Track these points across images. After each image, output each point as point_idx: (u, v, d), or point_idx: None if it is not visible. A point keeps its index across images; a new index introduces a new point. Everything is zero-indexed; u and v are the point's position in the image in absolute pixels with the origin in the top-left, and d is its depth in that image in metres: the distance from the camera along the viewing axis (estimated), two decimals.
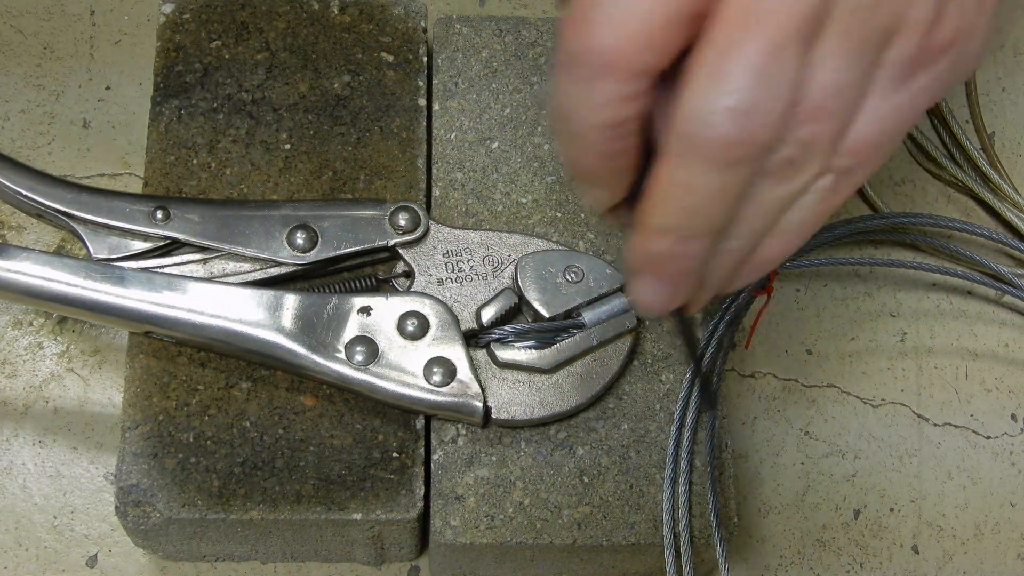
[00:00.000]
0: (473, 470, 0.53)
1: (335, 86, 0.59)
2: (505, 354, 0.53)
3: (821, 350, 0.63)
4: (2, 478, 0.58)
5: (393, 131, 0.59)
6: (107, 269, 0.52)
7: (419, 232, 0.55)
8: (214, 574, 0.57)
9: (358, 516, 0.51)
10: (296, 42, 0.60)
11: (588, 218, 0.57)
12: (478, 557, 0.54)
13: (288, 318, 0.52)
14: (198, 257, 0.54)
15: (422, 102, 0.59)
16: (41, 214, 0.54)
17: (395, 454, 0.53)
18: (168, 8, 0.60)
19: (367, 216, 0.55)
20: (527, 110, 0.60)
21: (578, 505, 0.52)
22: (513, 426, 0.53)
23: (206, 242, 0.54)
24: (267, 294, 0.52)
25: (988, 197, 0.66)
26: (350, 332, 0.52)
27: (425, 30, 0.61)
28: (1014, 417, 0.63)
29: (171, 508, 0.51)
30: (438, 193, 0.58)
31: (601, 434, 0.54)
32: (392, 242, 0.55)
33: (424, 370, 0.52)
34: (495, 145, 0.59)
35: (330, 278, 0.55)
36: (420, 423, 0.54)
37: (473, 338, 0.54)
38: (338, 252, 0.55)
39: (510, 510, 0.52)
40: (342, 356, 0.52)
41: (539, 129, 0.59)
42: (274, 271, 0.54)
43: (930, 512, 0.61)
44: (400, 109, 0.59)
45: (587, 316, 0.54)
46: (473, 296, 0.54)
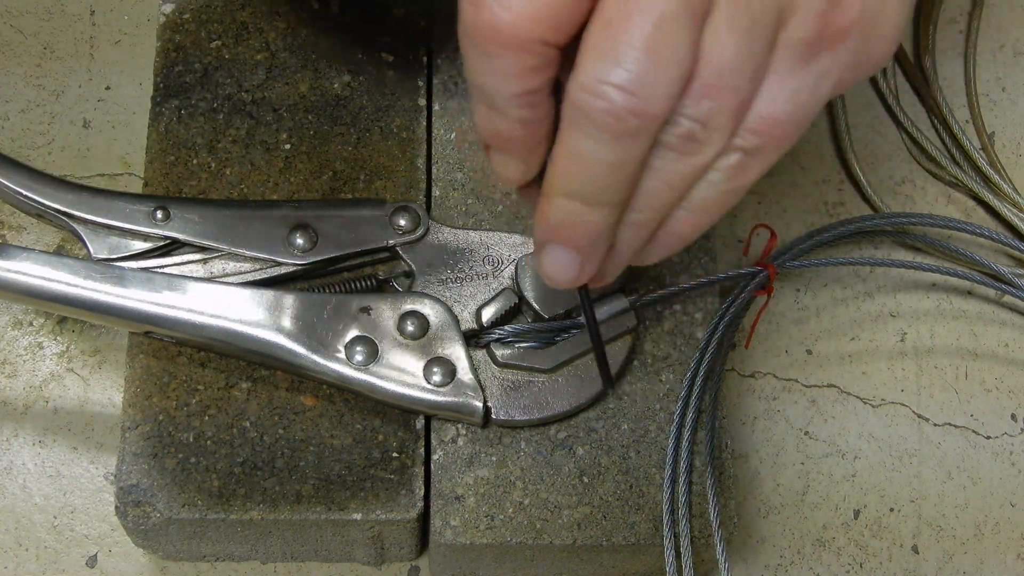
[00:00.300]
0: (473, 470, 0.53)
1: (335, 86, 0.59)
2: (505, 354, 0.53)
3: (821, 350, 0.63)
4: (2, 478, 0.58)
5: (393, 131, 0.59)
6: (107, 269, 0.52)
7: (419, 232, 0.55)
8: (214, 574, 0.57)
9: (358, 516, 0.51)
10: (296, 42, 0.60)
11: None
12: (478, 557, 0.54)
13: (288, 318, 0.52)
14: (198, 257, 0.54)
15: (422, 102, 0.59)
16: (41, 214, 0.54)
17: (395, 454, 0.53)
18: (168, 8, 0.60)
19: (367, 216, 0.55)
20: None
21: (578, 505, 0.52)
22: (513, 426, 0.53)
23: (206, 242, 0.54)
24: (267, 294, 0.52)
25: (988, 197, 0.66)
26: (350, 332, 0.52)
27: (425, 30, 0.61)
28: (1014, 417, 0.63)
29: (171, 508, 0.51)
30: (438, 193, 0.58)
31: (601, 434, 0.54)
32: (392, 242, 0.55)
33: (424, 370, 0.52)
34: None
35: (330, 278, 0.55)
36: (420, 423, 0.54)
37: (473, 338, 0.54)
38: (338, 252, 0.54)
39: (510, 510, 0.52)
40: (342, 356, 0.52)
41: None
42: (274, 271, 0.54)
43: (930, 512, 0.61)
44: (400, 109, 0.59)
45: None
46: (473, 296, 0.54)
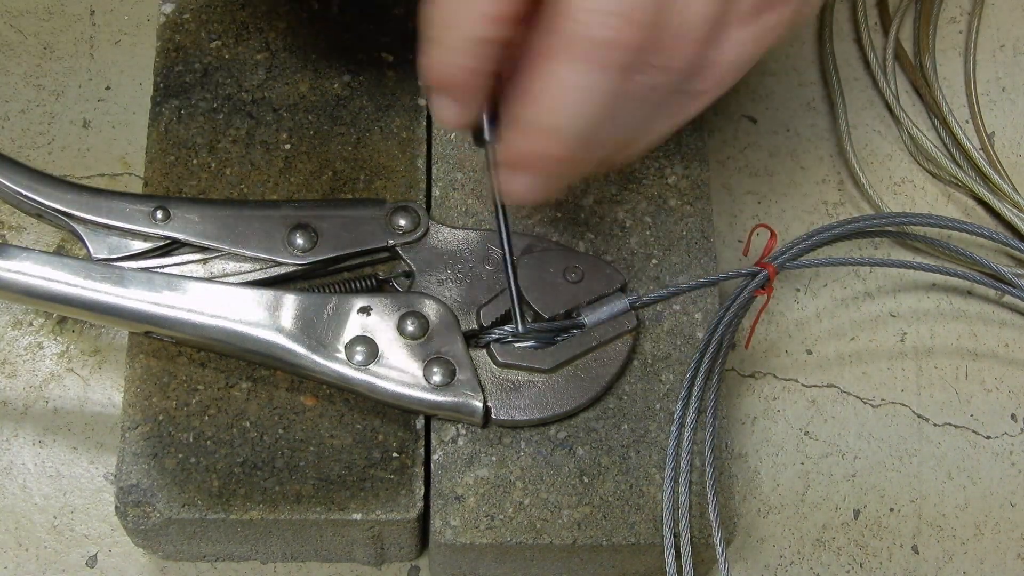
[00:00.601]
0: (473, 470, 0.53)
1: (335, 86, 0.59)
2: (505, 354, 0.53)
3: (821, 350, 0.63)
4: (2, 478, 0.58)
5: (393, 131, 0.59)
6: (107, 269, 0.52)
7: (419, 232, 0.55)
8: (214, 574, 0.57)
9: (358, 516, 0.51)
10: (296, 42, 0.60)
11: (588, 218, 0.57)
12: (478, 557, 0.54)
13: (288, 318, 0.52)
14: (198, 257, 0.54)
15: (422, 102, 0.59)
16: (41, 214, 0.54)
17: (395, 454, 0.53)
18: (168, 8, 0.60)
19: (367, 216, 0.55)
20: None
21: (578, 505, 0.52)
22: (513, 426, 0.53)
23: (206, 242, 0.54)
24: (267, 294, 0.52)
25: (988, 197, 0.66)
26: (350, 332, 0.52)
27: None
28: (1014, 417, 0.63)
29: (171, 508, 0.51)
30: (438, 193, 0.58)
31: (601, 434, 0.54)
32: (392, 242, 0.55)
33: (424, 370, 0.52)
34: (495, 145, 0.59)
35: (330, 278, 0.55)
36: (420, 423, 0.53)
37: (473, 338, 0.54)
38: (338, 252, 0.54)
39: (510, 510, 0.52)
40: (342, 356, 0.52)
41: None
42: (274, 271, 0.54)
43: (930, 512, 0.61)
44: (400, 109, 0.59)
45: (587, 316, 0.54)
46: (473, 296, 0.54)
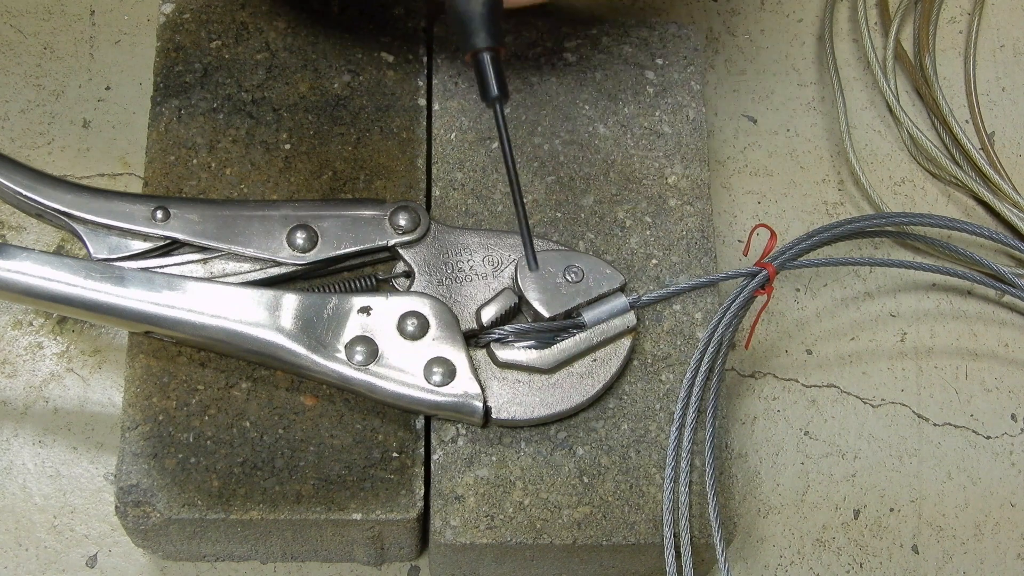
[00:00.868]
0: (473, 470, 0.53)
1: (335, 86, 0.59)
2: (505, 354, 0.53)
3: (821, 350, 0.63)
4: (2, 478, 0.58)
5: (393, 131, 0.59)
6: (107, 269, 0.52)
7: (419, 232, 0.55)
8: (214, 574, 0.57)
9: (358, 516, 0.51)
10: (296, 42, 0.60)
11: (588, 218, 0.57)
12: (478, 557, 0.54)
13: (288, 318, 0.52)
14: (198, 257, 0.54)
15: (422, 102, 0.59)
16: (41, 214, 0.54)
17: (395, 454, 0.53)
18: (168, 8, 0.60)
19: (367, 216, 0.55)
20: (527, 110, 0.60)
21: (578, 505, 0.52)
22: (513, 426, 0.53)
23: (206, 242, 0.54)
24: (267, 294, 0.52)
25: (988, 197, 0.66)
26: (350, 332, 0.52)
27: (425, 30, 0.61)
28: (1014, 417, 0.63)
29: (171, 508, 0.51)
30: (438, 193, 0.58)
31: (601, 434, 0.54)
32: (392, 242, 0.55)
33: (424, 370, 0.52)
34: (495, 145, 0.59)
35: (330, 278, 0.55)
36: (420, 423, 0.54)
37: (473, 338, 0.54)
38: (338, 252, 0.54)
39: (510, 510, 0.52)
40: (342, 356, 0.52)
41: (539, 129, 0.59)
42: (274, 271, 0.54)
43: (930, 512, 0.61)
44: (400, 109, 0.59)
45: (587, 316, 0.54)
46: (473, 296, 0.54)
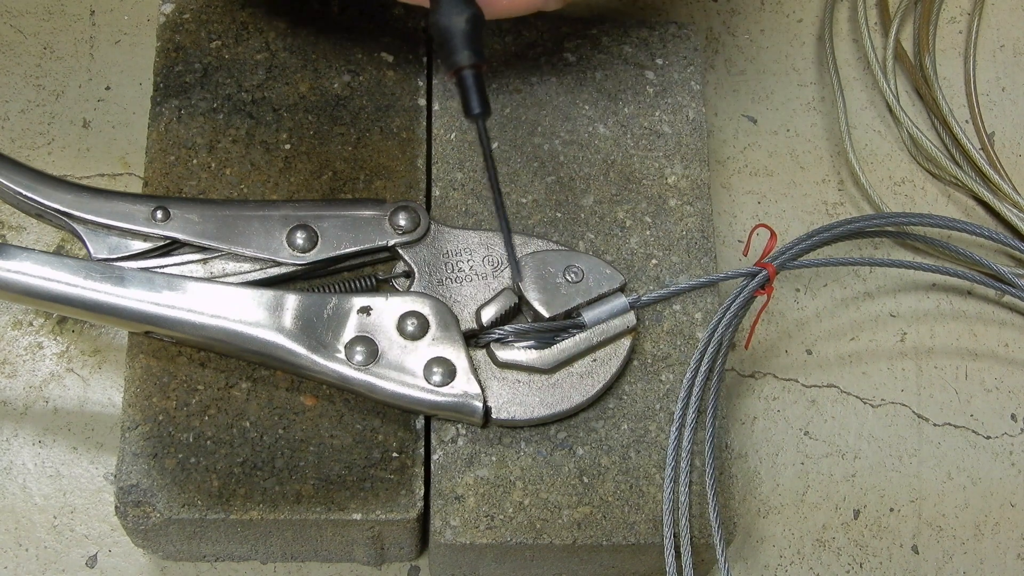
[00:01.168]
0: (473, 470, 0.53)
1: (335, 86, 0.59)
2: (505, 354, 0.53)
3: (821, 350, 0.63)
4: (2, 478, 0.58)
5: (393, 131, 0.59)
6: (107, 269, 0.52)
7: (419, 232, 0.55)
8: (214, 574, 0.57)
9: (358, 516, 0.51)
10: (296, 42, 0.60)
11: (588, 218, 0.57)
12: (478, 557, 0.54)
13: (288, 318, 0.52)
14: (198, 257, 0.54)
15: (422, 102, 0.59)
16: (41, 214, 0.54)
17: (395, 454, 0.53)
18: (168, 8, 0.60)
19: (367, 216, 0.55)
20: (527, 110, 0.60)
21: (578, 505, 0.52)
22: (513, 426, 0.53)
23: (206, 242, 0.54)
24: (267, 294, 0.52)
25: (988, 197, 0.66)
26: (350, 332, 0.52)
27: (425, 30, 0.61)
28: (1014, 417, 0.63)
29: (171, 508, 0.51)
30: (438, 193, 0.58)
31: (601, 434, 0.54)
32: (392, 242, 0.55)
33: (424, 370, 0.52)
34: (495, 145, 0.59)
35: (330, 278, 0.55)
36: (420, 423, 0.54)
37: (473, 338, 0.54)
38: (338, 252, 0.54)
39: (510, 510, 0.52)
40: (342, 356, 0.52)
41: (539, 129, 0.59)
42: (274, 271, 0.54)
43: (930, 512, 0.61)
44: (400, 109, 0.59)
45: (587, 316, 0.54)
46: (473, 296, 0.54)
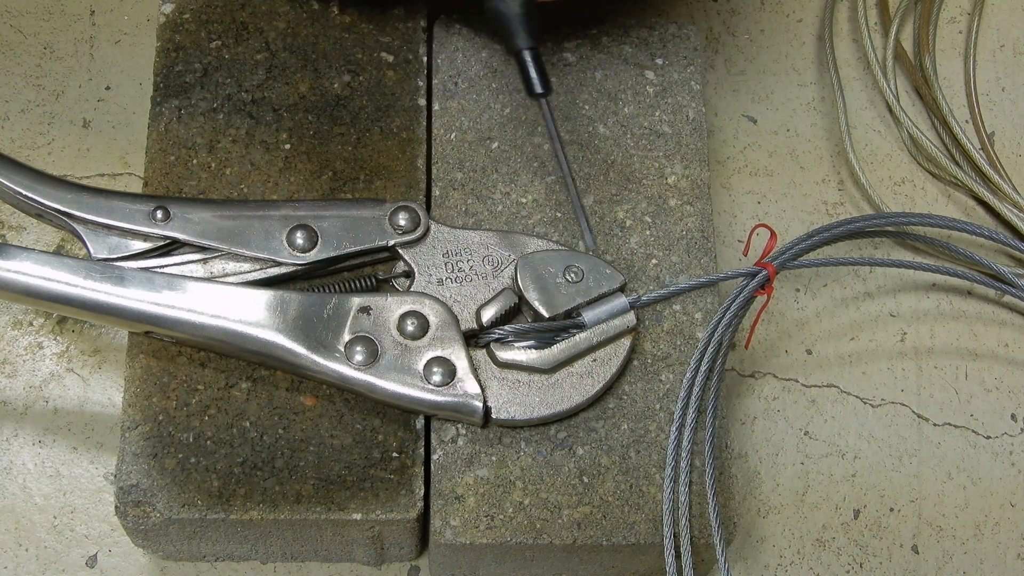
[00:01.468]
0: (473, 470, 0.53)
1: (335, 86, 0.59)
2: (505, 354, 0.53)
3: (821, 350, 0.63)
4: (2, 478, 0.58)
5: (393, 131, 0.59)
6: (107, 269, 0.52)
7: (419, 232, 0.55)
8: (214, 574, 0.57)
9: (358, 516, 0.51)
10: (296, 42, 0.60)
11: (588, 218, 0.57)
12: (478, 557, 0.54)
13: (288, 318, 0.52)
14: (198, 257, 0.54)
15: (422, 102, 0.59)
16: (41, 214, 0.54)
17: (395, 454, 0.53)
18: (168, 8, 0.60)
19: (367, 216, 0.55)
20: (527, 110, 0.60)
21: (578, 505, 0.52)
22: (513, 426, 0.53)
23: (206, 242, 0.54)
24: (267, 294, 0.52)
25: (988, 197, 0.66)
26: (350, 332, 0.52)
27: (425, 30, 0.61)
28: (1014, 417, 0.63)
29: (171, 508, 0.51)
30: (438, 193, 0.58)
31: (601, 434, 0.54)
32: (392, 242, 0.55)
33: (424, 370, 0.52)
34: (495, 145, 0.59)
35: (330, 278, 0.55)
36: (420, 423, 0.54)
37: (473, 338, 0.54)
38: (338, 252, 0.54)
39: (510, 510, 0.52)
40: (342, 356, 0.52)
41: (539, 129, 0.59)
42: (274, 271, 0.54)
43: (930, 512, 0.61)
44: (400, 109, 0.59)
45: (587, 316, 0.54)
46: (473, 296, 0.54)
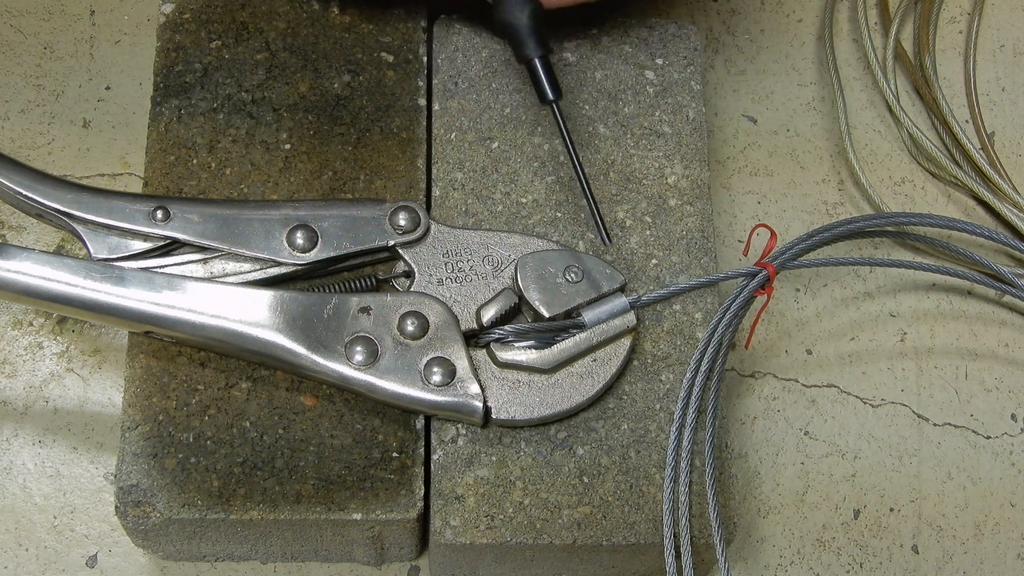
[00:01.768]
0: (473, 470, 0.53)
1: (335, 86, 0.59)
2: (505, 354, 0.53)
3: (821, 350, 0.63)
4: (2, 478, 0.58)
5: (393, 131, 0.59)
6: (107, 269, 0.52)
7: (419, 232, 0.55)
8: (214, 574, 0.57)
9: (358, 516, 0.51)
10: (296, 42, 0.60)
11: (588, 218, 0.57)
12: (478, 557, 0.54)
13: (288, 318, 0.52)
14: (198, 257, 0.54)
15: (422, 102, 0.59)
16: (41, 214, 0.54)
17: (395, 454, 0.53)
18: (168, 8, 0.60)
19: (367, 216, 0.55)
20: (527, 110, 0.60)
21: (578, 505, 0.52)
22: (513, 426, 0.53)
23: (206, 242, 0.54)
24: (267, 294, 0.52)
25: (988, 197, 0.66)
26: (350, 332, 0.52)
27: (425, 30, 0.61)
28: (1014, 417, 0.63)
29: (171, 508, 0.51)
30: (438, 193, 0.58)
31: (601, 434, 0.54)
32: (392, 242, 0.55)
33: (424, 370, 0.52)
34: (495, 145, 0.59)
35: (330, 278, 0.55)
36: (420, 423, 0.54)
37: (473, 338, 0.54)
38: (338, 252, 0.54)
39: (510, 510, 0.52)
40: (342, 356, 0.52)
41: (539, 129, 0.59)
42: (274, 271, 0.54)
43: (930, 512, 0.61)
44: (400, 109, 0.59)
45: (587, 316, 0.54)
46: (473, 296, 0.54)
